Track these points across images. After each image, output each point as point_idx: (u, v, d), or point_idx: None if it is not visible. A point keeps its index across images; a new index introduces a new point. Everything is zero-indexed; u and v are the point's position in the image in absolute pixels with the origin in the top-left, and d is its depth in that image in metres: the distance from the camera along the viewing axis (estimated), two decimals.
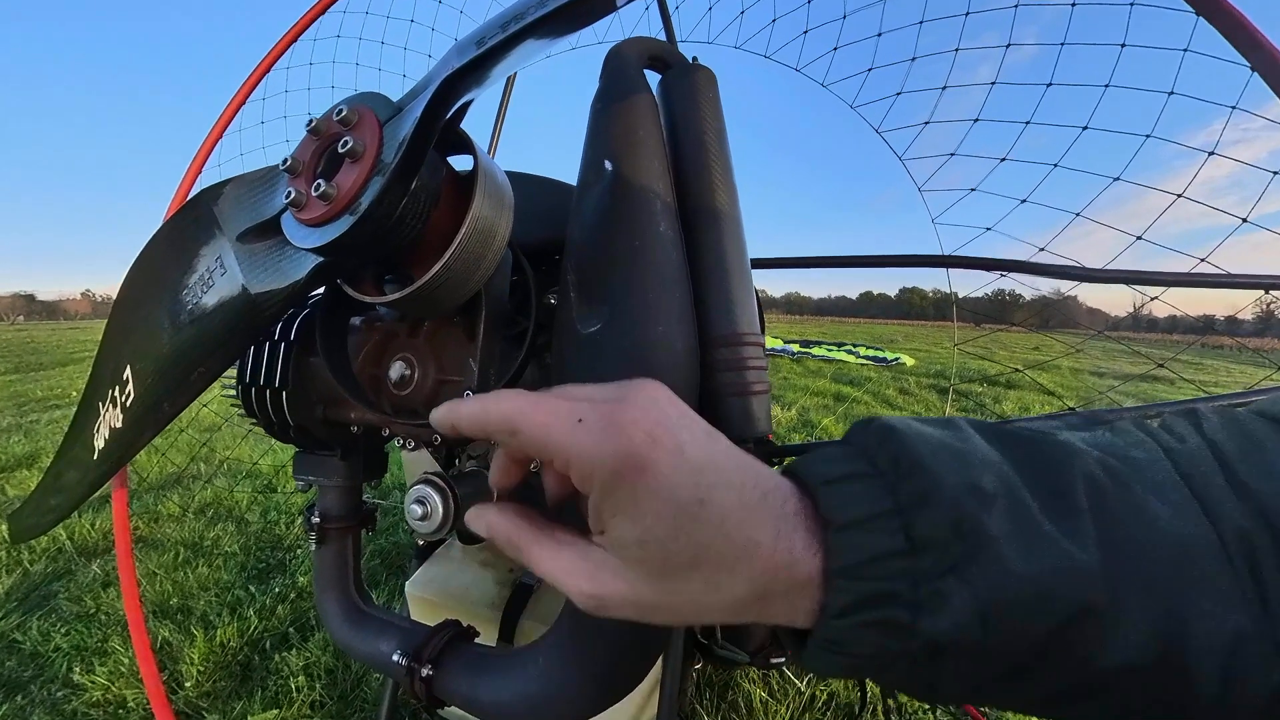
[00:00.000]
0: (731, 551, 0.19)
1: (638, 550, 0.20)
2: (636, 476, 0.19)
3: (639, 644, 0.43)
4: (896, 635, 0.18)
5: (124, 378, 0.48)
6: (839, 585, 0.19)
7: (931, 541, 0.18)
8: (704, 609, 0.21)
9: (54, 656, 1.47)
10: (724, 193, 0.46)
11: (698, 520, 0.19)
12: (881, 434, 0.21)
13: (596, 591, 0.21)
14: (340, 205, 0.31)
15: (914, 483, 0.19)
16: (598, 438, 0.20)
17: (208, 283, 0.39)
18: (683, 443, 0.20)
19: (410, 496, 0.48)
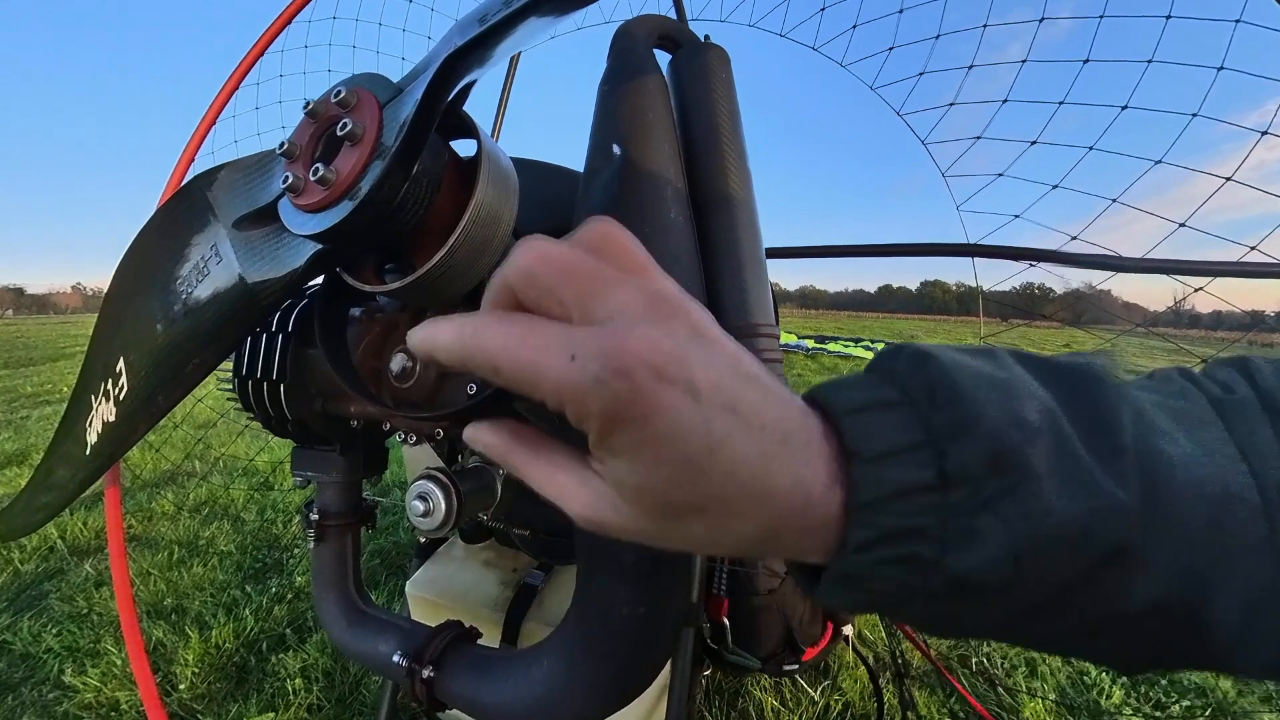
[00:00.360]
0: (742, 500, 0.18)
1: (635, 495, 0.19)
2: (638, 423, 0.17)
3: (647, 647, 0.43)
4: (919, 572, 0.18)
5: (117, 370, 0.48)
6: (860, 520, 0.18)
7: (966, 476, 0.17)
8: (707, 548, 0.20)
9: (45, 658, 1.48)
10: (737, 178, 0.46)
11: (706, 470, 0.18)
12: (916, 360, 0.20)
13: (595, 518, 0.20)
14: (339, 190, 0.31)
15: (951, 412, 0.18)
16: (593, 378, 0.17)
17: (203, 272, 0.39)
18: (695, 381, 0.17)
19: (412, 492, 0.48)
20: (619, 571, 0.40)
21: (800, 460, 0.18)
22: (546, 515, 0.77)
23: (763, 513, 0.18)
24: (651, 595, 0.41)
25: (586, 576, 0.43)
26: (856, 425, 0.19)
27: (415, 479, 0.49)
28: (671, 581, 0.42)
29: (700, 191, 0.45)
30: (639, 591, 0.40)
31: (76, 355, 9.33)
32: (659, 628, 0.42)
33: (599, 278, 0.19)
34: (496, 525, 0.84)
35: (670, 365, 0.17)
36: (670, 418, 0.17)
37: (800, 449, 0.18)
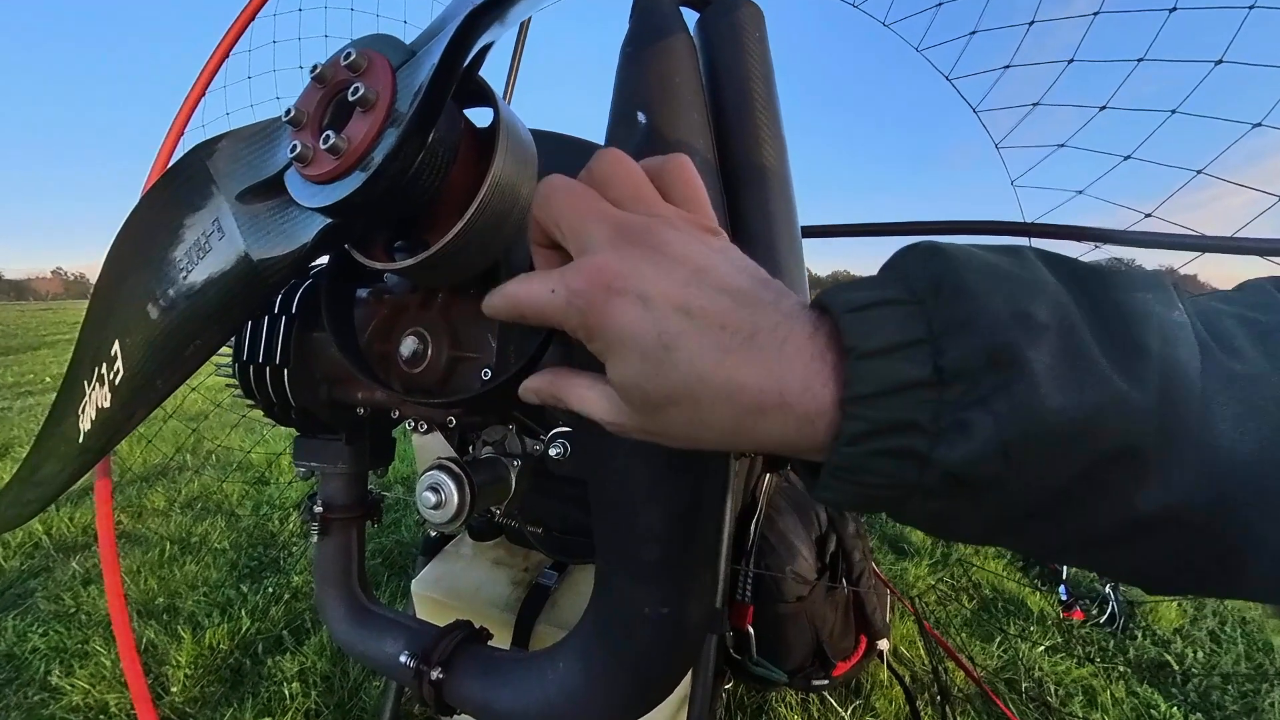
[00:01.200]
0: (706, 391, 0.22)
1: (622, 390, 0.24)
2: (600, 329, 0.23)
3: (669, 652, 0.43)
4: (912, 465, 0.20)
5: (112, 354, 0.49)
6: (852, 413, 0.20)
7: (962, 371, 0.19)
8: (695, 439, 0.24)
9: (31, 658, 1.53)
10: (772, 148, 0.46)
11: (666, 364, 0.22)
12: (924, 256, 0.22)
13: (612, 419, 0.26)
14: (351, 160, 0.31)
15: (952, 308, 0.20)
16: (564, 301, 0.24)
17: (204, 248, 0.40)
18: (644, 290, 0.23)
19: (423, 483, 0.48)
20: (639, 570, 0.40)
21: (771, 356, 0.22)
22: (562, 511, 0.77)
23: (732, 404, 0.22)
24: (674, 596, 0.41)
25: (605, 575, 0.44)
26: (854, 323, 0.21)
27: (426, 469, 0.49)
28: (696, 582, 0.42)
29: (731, 163, 0.44)
30: (661, 592, 0.41)
31: (59, 344, 9.51)
32: (682, 631, 0.42)
33: (583, 212, 0.26)
34: (508, 522, 0.85)
35: (618, 280, 0.23)
36: (621, 321, 0.23)
37: (773, 347, 0.22)
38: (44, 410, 4.09)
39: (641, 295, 0.23)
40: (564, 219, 0.26)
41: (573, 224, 0.26)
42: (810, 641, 0.96)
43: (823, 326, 0.22)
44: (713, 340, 0.22)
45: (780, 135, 0.47)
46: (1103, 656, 1.71)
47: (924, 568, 2.12)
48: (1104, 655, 1.71)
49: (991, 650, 1.68)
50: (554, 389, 0.29)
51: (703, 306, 0.22)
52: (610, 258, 0.24)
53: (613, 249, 0.24)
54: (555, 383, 0.29)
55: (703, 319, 0.22)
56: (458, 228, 0.35)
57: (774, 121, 0.46)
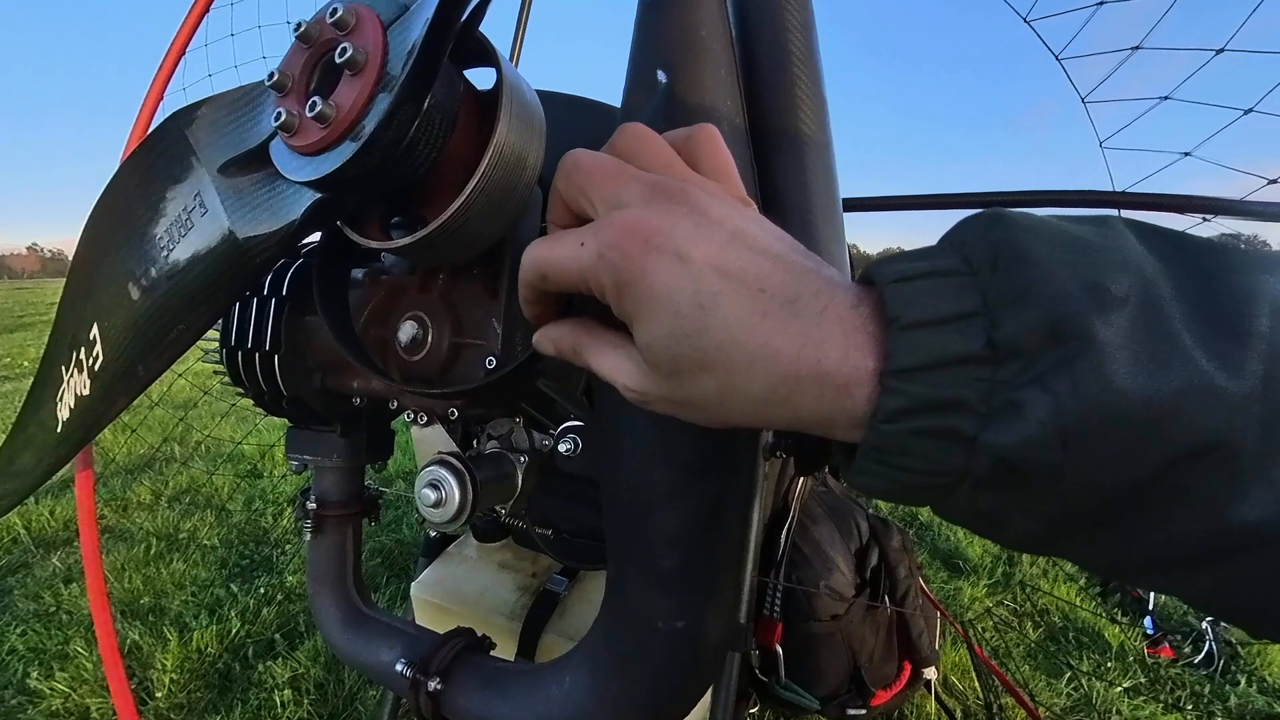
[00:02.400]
0: (741, 356, 0.23)
1: (649, 354, 0.25)
2: (633, 284, 0.24)
3: (686, 668, 0.44)
4: (958, 448, 0.20)
5: (90, 339, 0.51)
6: (891, 387, 0.20)
7: (1019, 347, 0.19)
8: (724, 410, 0.25)
9: (8, 659, 1.60)
10: (810, 111, 0.45)
11: (701, 326, 0.23)
12: (986, 224, 0.22)
13: (636, 386, 0.27)
14: (340, 129, 0.32)
15: (1011, 277, 0.19)
16: (594, 254, 0.25)
17: (185, 225, 0.41)
18: (682, 248, 0.23)
19: (422, 479, 0.50)
20: (656, 578, 0.41)
21: (810, 323, 0.22)
22: (572, 512, 0.78)
23: (766, 372, 0.23)
24: (692, 608, 0.42)
25: (617, 583, 0.44)
26: (900, 293, 0.21)
27: (426, 464, 0.50)
28: (717, 593, 0.43)
29: (764, 128, 0.44)
30: (678, 603, 0.41)
31: (37, 325, 9.85)
32: (701, 646, 0.43)
33: (614, 177, 0.27)
34: (515, 523, 0.87)
35: (655, 235, 0.24)
36: (658, 278, 0.23)
37: (813, 313, 0.22)
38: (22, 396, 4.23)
39: (679, 253, 0.23)
40: (593, 186, 0.27)
41: (603, 189, 0.27)
42: (846, 665, 0.96)
43: (868, 298, 0.22)
44: (751, 303, 0.23)
45: (821, 96, 0.46)
46: (1196, 703, 1.65)
47: (982, 588, 2.09)
48: (1198, 702, 1.65)
49: (1060, 687, 1.65)
50: (575, 342, 0.30)
51: (742, 268, 0.23)
52: (647, 213, 0.25)
53: (648, 206, 0.25)
54: (578, 335, 0.30)
55: (741, 280, 0.23)
56: (458, 202, 0.36)
57: (814, 80, 0.46)
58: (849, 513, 1.04)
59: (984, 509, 0.21)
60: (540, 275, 0.28)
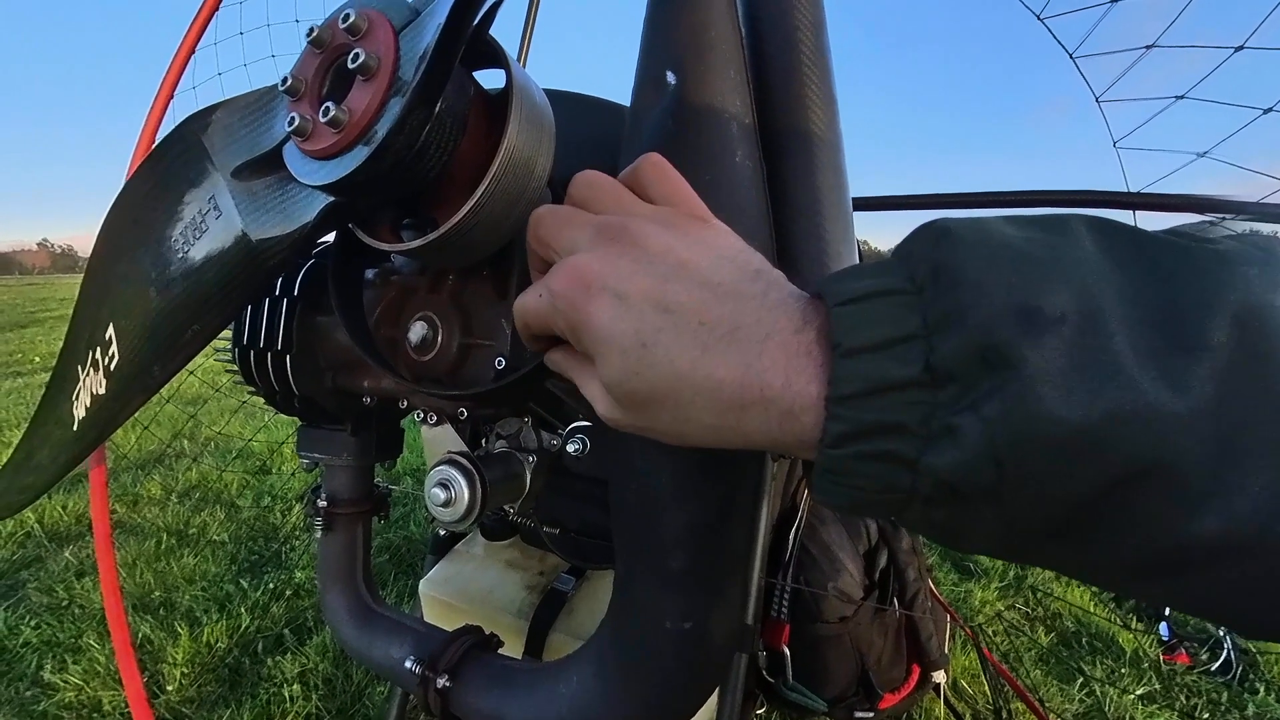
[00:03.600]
0: (686, 388, 0.24)
1: (609, 388, 0.26)
2: (582, 328, 0.26)
3: (693, 668, 0.44)
4: (902, 470, 0.20)
5: (106, 338, 0.52)
6: (835, 413, 0.21)
7: (954, 372, 0.19)
8: (684, 436, 0.26)
9: (23, 652, 1.63)
10: (820, 110, 0.45)
11: (645, 362, 0.24)
12: (932, 238, 0.22)
13: (606, 414, 0.28)
14: (353, 134, 0.32)
15: (947, 300, 0.20)
16: (549, 305, 0.27)
17: (200, 227, 0.42)
18: (620, 288, 0.25)
19: (432, 479, 0.50)
20: (663, 578, 0.41)
21: (751, 353, 0.23)
22: (580, 511, 0.79)
23: (713, 402, 0.24)
24: (699, 609, 0.42)
25: (624, 583, 0.45)
26: (845, 317, 0.22)
27: (436, 464, 0.51)
28: (723, 594, 0.43)
29: (774, 127, 0.44)
30: (685, 603, 0.42)
31: (48, 322, 9.97)
32: (708, 647, 0.43)
33: (566, 223, 0.29)
34: (523, 521, 0.87)
35: (596, 279, 0.26)
36: (601, 319, 0.25)
37: (753, 343, 0.23)
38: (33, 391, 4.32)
39: (618, 293, 0.25)
40: (551, 236, 0.30)
41: (558, 239, 0.29)
42: (854, 668, 0.96)
43: (814, 320, 0.23)
44: (690, 336, 0.24)
45: (831, 95, 0.46)
46: (1213, 712, 1.63)
47: (992, 591, 2.08)
48: (1214, 710, 1.63)
49: (1072, 693, 1.64)
50: (568, 365, 0.31)
51: (681, 302, 0.25)
52: (588, 258, 0.27)
53: (590, 249, 0.27)
54: (569, 360, 0.31)
55: (681, 315, 0.24)
56: (469, 205, 0.36)
57: (824, 80, 0.46)
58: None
59: (938, 522, 0.22)
60: (523, 324, 0.31)
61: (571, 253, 0.28)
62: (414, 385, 0.48)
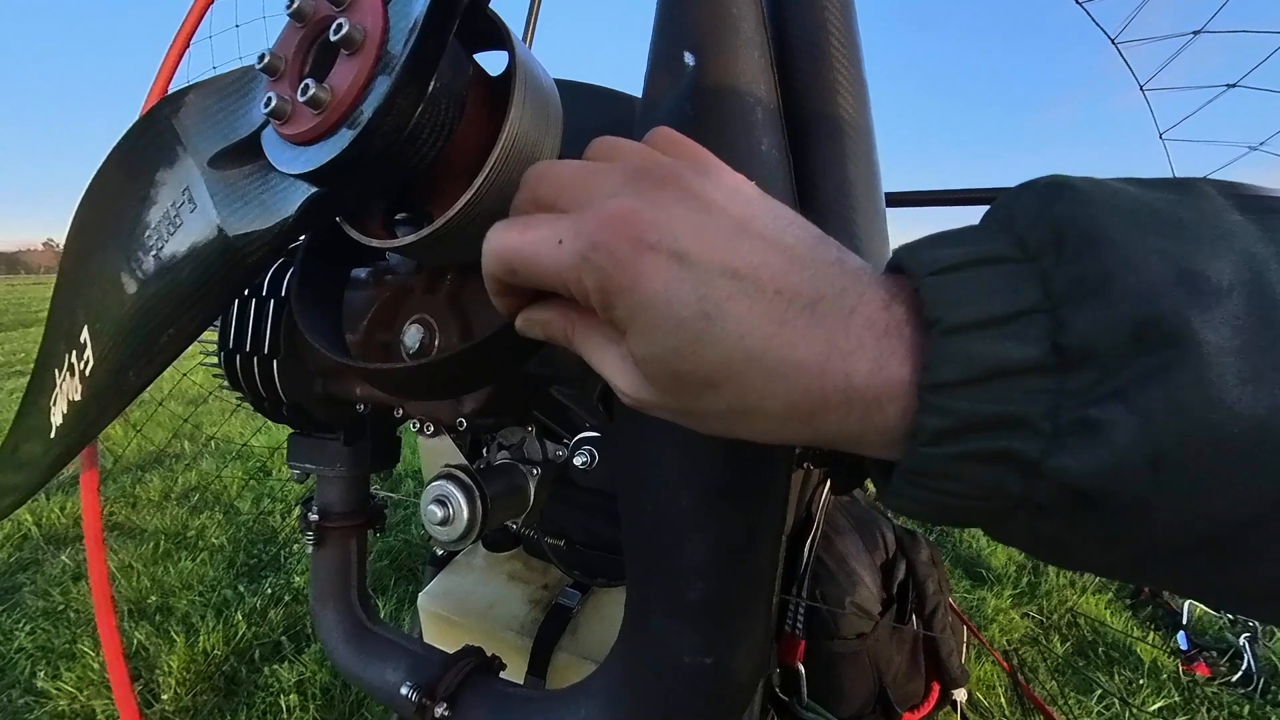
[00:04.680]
0: (755, 371, 0.20)
1: (645, 367, 0.22)
2: (626, 292, 0.21)
3: (712, 706, 0.41)
4: (1014, 474, 0.17)
5: (81, 341, 0.49)
6: (932, 404, 0.17)
7: (1094, 351, 0.16)
8: (734, 427, 0.22)
9: (16, 658, 1.61)
10: (850, 95, 0.42)
11: (706, 338, 0.20)
12: (1045, 196, 0.19)
13: (633, 393, 0.24)
14: (335, 115, 0.29)
15: (1083, 265, 0.16)
16: (578, 256, 0.21)
17: (174, 222, 0.38)
18: (681, 245, 0.20)
19: (428, 495, 0.48)
20: (681, 609, 0.38)
21: (837, 330, 0.19)
22: (585, 523, 0.76)
23: (785, 388, 0.20)
24: (720, 643, 0.39)
25: (638, 612, 0.42)
26: (941, 288, 0.18)
27: (432, 479, 0.48)
28: (748, 625, 0.40)
29: (800, 114, 0.41)
30: (706, 636, 0.38)
31: None
32: (730, 683, 0.40)
33: (589, 173, 0.24)
34: (526, 532, 0.84)
35: (649, 231, 0.20)
36: (655, 283, 0.20)
37: (838, 317, 0.19)
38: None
39: (677, 251, 0.20)
40: (566, 184, 0.24)
41: (575, 189, 0.24)
42: (872, 686, 0.92)
43: (902, 294, 0.20)
44: (765, 308, 0.20)
45: (861, 78, 0.43)
46: None
47: (1006, 599, 2.05)
48: None
49: (1089, 705, 1.61)
50: (566, 327, 0.26)
51: (753, 265, 0.20)
52: (634, 202, 0.21)
53: (636, 194, 0.22)
54: (569, 320, 0.26)
55: (753, 281, 0.20)
56: (467, 195, 0.33)
57: (853, 62, 0.43)
58: (874, 523, 1.01)
59: (1046, 536, 0.18)
60: (508, 269, 0.24)
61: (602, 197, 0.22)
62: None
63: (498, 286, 0.26)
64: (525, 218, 0.24)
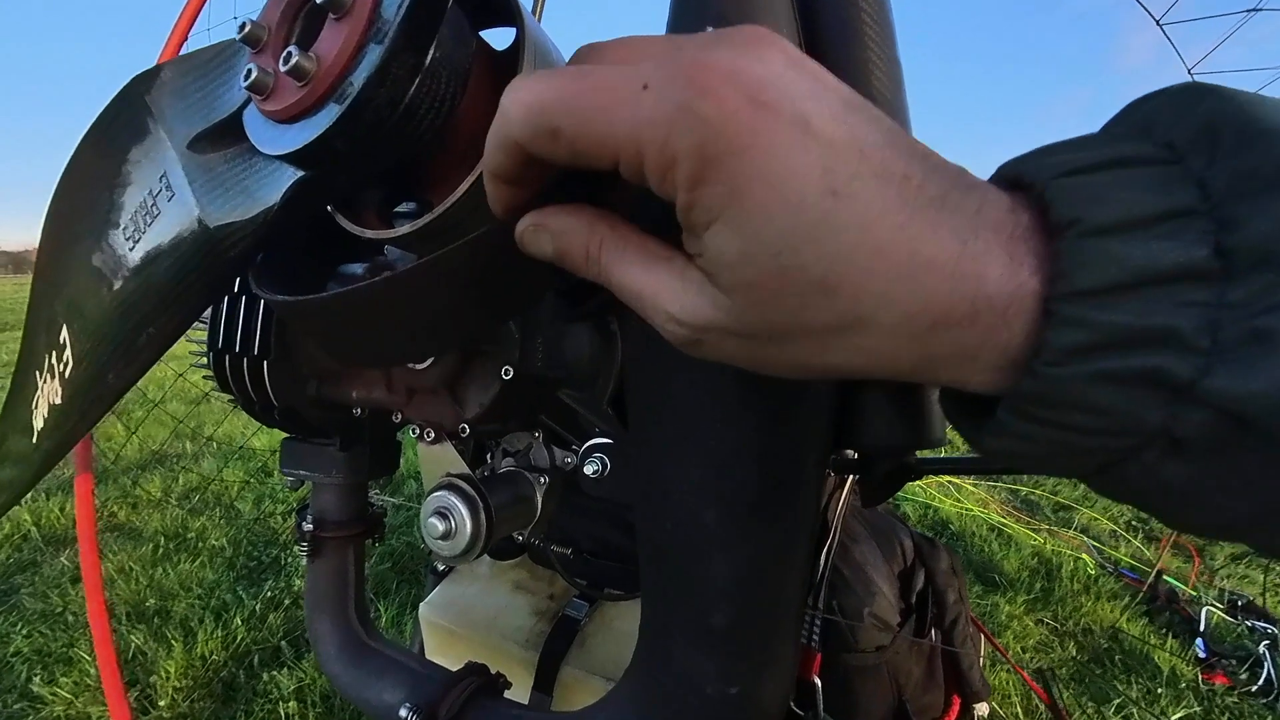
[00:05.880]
0: (882, 270, 0.16)
1: (741, 269, 0.18)
2: (736, 156, 0.16)
3: None
4: (1159, 399, 0.15)
5: (60, 341, 0.46)
6: (1066, 315, 0.15)
7: (1266, 255, 0.14)
8: (826, 353, 0.18)
9: (13, 661, 1.59)
10: (883, 74, 0.39)
11: (828, 223, 0.16)
12: (1184, 98, 0.17)
13: (688, 319, 0.19)
14: (321, 87, 0.26)
15: (1247, 159, 0.14)
16: (674, 105, 0.16)
17: (151, 211, 0.35)
18: (805, 110, 0.17)
19: (429, 506, 0.45)
20: (704, 636, 0.35)
21: (966, 228, 0.16)
22: (593, 531, 0.73)
23: (910, 292, 0.16)
24: (747, 672, 0.36)
25: (657, 634, 0.39)
26: (1075, 190, 0.16)
27: (433, 489, 0.46)
28: (775, 652, 0.37)
29: None
30: (731, 666, 0.35)
31: None
32: (755, 715, 0.37)
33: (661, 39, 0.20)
34: (531, 540, 0.81)
35: (766, 90, 0.16)
36: (774, 149, 0.16)
37: (966, 215, 0.16)
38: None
39: (800, 116, 0.16)
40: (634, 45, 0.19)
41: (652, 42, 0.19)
42: (891, 701, 0.89)
43: (1022, 200, 0.17)
44: (896, 193, 0.16)
45: (895, 58, 0.40)
46: None
47: (1019, 605, 2.01)
48: None
49: (1108, 716, 1.57)
50: (590, 241, 0.21)
51: (877, 145, 0.17)
52: (742, 58, 0.17)
53: (734, 48, 0.17)
54: (596, 230, 0.21)
55: (880, 162, 0.17)
56: (468, 182, 0.30)
57: (886, 39, 0.40)
58: (891, 530, 0.98)
59: (1173, 482, 0.16)
60: (547, 129, 0.18)
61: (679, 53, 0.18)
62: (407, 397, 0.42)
63: (510, 163, 0.20)
64: (578, 67, 0.19)
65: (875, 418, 0.34)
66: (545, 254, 0.22)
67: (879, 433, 0.34)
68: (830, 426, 0.34)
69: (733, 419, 0.31)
